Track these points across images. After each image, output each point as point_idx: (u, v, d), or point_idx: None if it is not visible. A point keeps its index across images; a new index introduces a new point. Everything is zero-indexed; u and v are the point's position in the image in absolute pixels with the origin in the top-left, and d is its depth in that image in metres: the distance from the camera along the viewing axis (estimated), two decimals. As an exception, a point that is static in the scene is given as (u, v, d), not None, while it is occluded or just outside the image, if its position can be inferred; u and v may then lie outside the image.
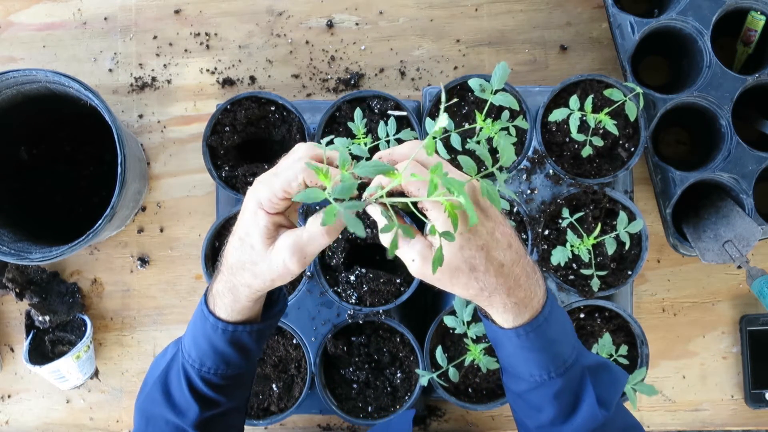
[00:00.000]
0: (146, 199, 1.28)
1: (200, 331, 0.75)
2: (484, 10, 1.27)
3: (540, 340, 0.69)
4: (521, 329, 0.68)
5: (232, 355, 0.75)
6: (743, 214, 1.09)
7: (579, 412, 0.71)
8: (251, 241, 0.67)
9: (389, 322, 1.10)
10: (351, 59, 1.28)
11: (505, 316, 0.68)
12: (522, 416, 0.77)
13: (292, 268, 0.65)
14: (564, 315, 0.74)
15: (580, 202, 1.11)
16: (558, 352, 0.70)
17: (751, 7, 1.11)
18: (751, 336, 1.20)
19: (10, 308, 1.30)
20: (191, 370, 0.76)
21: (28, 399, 1.29)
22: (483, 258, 0.64)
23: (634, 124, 1.08)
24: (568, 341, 0.72)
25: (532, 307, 0.68)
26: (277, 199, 0.65)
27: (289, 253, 0.65)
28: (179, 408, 0.77)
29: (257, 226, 0.66)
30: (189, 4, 1.29)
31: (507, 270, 0.65)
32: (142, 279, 1.28)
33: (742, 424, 1.23)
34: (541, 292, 0.70)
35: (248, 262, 0.67)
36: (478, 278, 0.64)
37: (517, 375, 0.73)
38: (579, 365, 0.72)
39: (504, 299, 0.67)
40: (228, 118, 1.12)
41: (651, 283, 1.23)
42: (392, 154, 0.66)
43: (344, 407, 1.11)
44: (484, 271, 0.64)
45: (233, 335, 0.74)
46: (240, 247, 0.68)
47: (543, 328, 0.69)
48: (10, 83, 1.08)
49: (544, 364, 0.70)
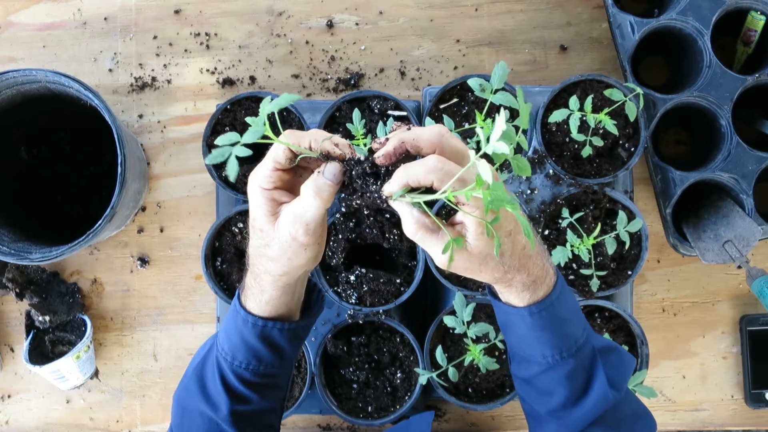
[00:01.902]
0: (146, 199, 1.28)
1: (232, 325, 0.75)
2: (484, 10, 1.27)
3: (552, 318, 0.69)
4: (534, 307, 0.69)
5: (262, 351, 0.75)
6: (743, 214, 1.09)
7: (590, 393, 0.71)
8: (259, 224, 0.67)
9: (389, 322, 1.10)
10: (351, 59, 1.28)
11: (522, 295, 0.69)
12: (532, 403, 0.77)
13: (300, 239, 0.65)
14: (573, 296, 0.74)
15: (580, 202, 1.11)
16: (569, 332, 0.70)
17: (751, 7, 1.11)
18: (751, 336, 1.20)
19: (10, 308, 1.30)
20: (224, 363, 0.76)
21: (28, 399, 1.29)
22: (510, 243, 0.65)
23: (634, 124, 1.08)
24: (579, 321, 0.72)
25: (545, 285, 0.69)
26: (269, 171, 0.65)
27: (291, 224, 0.65)
28: (213, 401, 0.76)
29: (259, 206, 0.66)
30: (189, 4, 1.29)
31: (528, 251, 0.67)
32: (142, 279, 1.28)
33: (742, 424, 1.23)
34: (552, 270, 0.71)
35: (262, 247, 0.68)
36: (504, 262, 0.65)
37: (528, 358, 0.73)
38: (589, 345, 0.72)
39: (524, 278, 0.68)
40: (228, 118, 1.12)
41: (651, 283, 1.23)
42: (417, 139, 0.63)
43: (344, 407, 1.11)
44: (510, 254, 0.65)
45: (263, 330, 0.74)
46: (254, 235, 0.69)
47: (555, 306, 0.69)
48: (10, 83, 1.08)
49: (556, 343, 0.70)
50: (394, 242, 1.09)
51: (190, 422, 0.78)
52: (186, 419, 0.79)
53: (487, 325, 1.00)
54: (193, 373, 0.79)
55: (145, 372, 1.28)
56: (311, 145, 0.65)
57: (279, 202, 0.67)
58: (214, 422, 0.76)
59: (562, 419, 0.73)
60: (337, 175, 0.64)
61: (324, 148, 0.65)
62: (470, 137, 1.07)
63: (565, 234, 1.07)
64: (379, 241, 1.09)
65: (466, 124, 1.09)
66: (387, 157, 0.63)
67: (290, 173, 0.68)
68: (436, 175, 0.60)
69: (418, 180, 0.60)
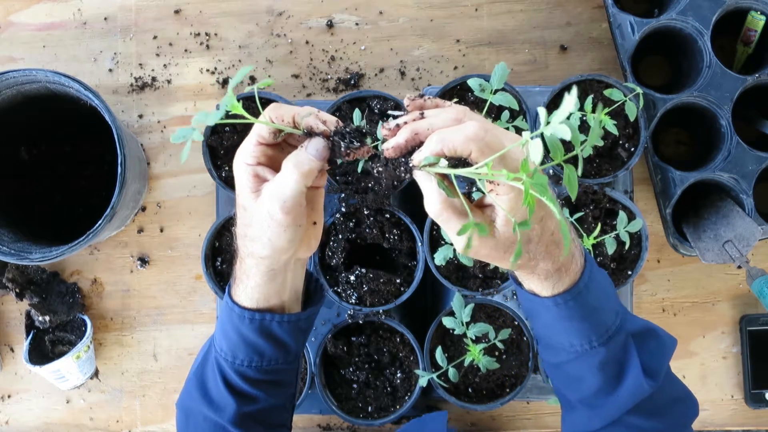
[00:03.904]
0: (146, 199, 1.28)
1: (228, 323, 0.72)
2: (484, 10, 1.27)
3: (580, 308, 0.65)
4: (559, 298, 0.64)
5: (264, 346, 0.71)
6: (743, 214, 1.09)
7: (624, 384, 0.67)
8: (242, 200, 0.64)
9: (389, 322, 1.10)
10: (351, 59, 1.28)
11: (545, 283, 0.65)
12: (561, 388, 0.73)
13: (277, 217, 0.61)
14: (605, 278, 0.69)
15: (580, 202, 1.11)
16: (600, 320, 0.66)
17: (751, 7, 1.11)
18: (751, 336, 1.20)
19: (10, 308, 1.30)
20: (225, 364, 0.73)
21: (28, 399, 1.29)
22: (539, 229, 0.60)
23: (634, 124, 1.08)
24: (611, 307, 0.67)
25: (572, 272, 0.65)
26: (253, 147, 0.63)
27: (269, 201, 0.61)
28: (216, 404, 0.73)
29: (242, 182, 0.63)
30: (189, 4, 1.29)
31: (555, 237, 0.62)
32: (142, 279, 1.28)
33: (742, 424, 1.23)
34: (579, 253, 0.66)
35: (245, 226, 0.64)
36: (530, 249, 0.61)
37: (555, 346, 0.69)
38: (623, 332, 0.67)
39: (548, 265, 0.63)
40: (228, 118, 1.12)
41: (651, 283, 1.23)
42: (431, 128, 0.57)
43: (344, 407, 1.11)
44: (537, 241, 0.61)
45: (261, 324, 0.70)
46: (239, 214, 0.65)
47: (583, 295, 0.65)
48: (10, 83, 1.08)
49: (585, 333, 0.66)
50: (394, 242, 1.09)
51: (195, 428, 0.76)
52: (191, 426, 0.77)
53: (486, 325, 1.00)
54: (194, 377, 0.77)
55: (145, 372, 1.28)
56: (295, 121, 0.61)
57: (263, 178, 0.63)
58: (220, 425, 0.73)
59: (594, 408, 0.69)
60: (321, 150, 0.60)
61: (307, 124, 0.61)
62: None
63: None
64: (379, 241, 1.09)
65: (466, 124, 1.09)
66: (397, 149, 0.59)
67: (275, 149, 0.64)
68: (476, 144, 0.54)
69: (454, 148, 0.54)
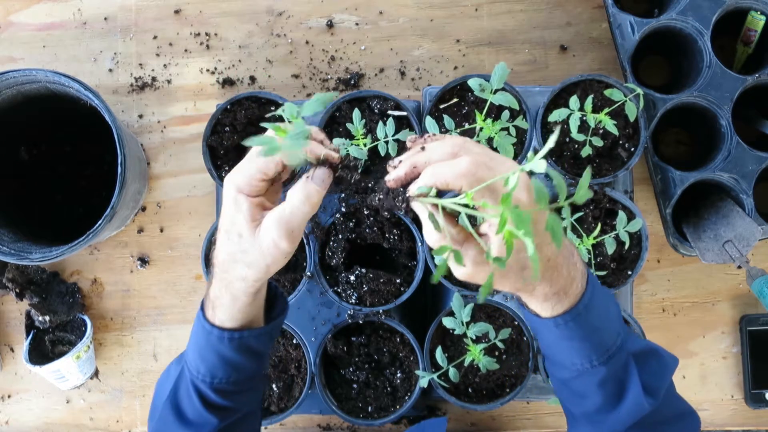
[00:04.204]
0: (146, 199, 1.28)
1: (205, 345, 0.72)
2: (484, 10, 1.27)
3: (580, 328, 0.67)
4: (560, 318, 0.67)
5: (242, 362, 0.73)
6: (743, 214, 1.09)
7: (625, 401, 0.69)
8: (237, 229, 0.65)
9: (389, 322, 1.10)
10: (351, 59, 1.28)
11: (544, 305, 0.67)
12: (566, 403, 0.76)
13: (282, 246, 0.64)
14: (608, 299, 0.71)
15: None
16: (600, 340, 0.68)
17: (751, 7, 1.11)
18: (751, 336, 1.20)
19: (10, 308, 1.30)
20: (202, 386, 0.73)
21: (28, 399, 1.29)
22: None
23: (634, 124, 1.08)
24: (612, 328, 0.70)
25: (572, 294, 0.67)
26: (255, 182, 0.64)
27: (276, 230, 0.63)
28: (196, 425, 0.74)
29: (240, 212, 0.65)
30: (189, 4, 1.29)
31: (552, 263, 0.64)
32: (142, 279, 1.28)
33: (742, 424, 1.23)
34: (580, 276, 0.68)
35: (238, 252, 0.66)
36: (525, 276, 0.63)
37: (559, 363, 0.71)
38: (623, 352, 0.70)
39: (546, 290, 0.65)
40: (228, 118, 1.12)
41: (651, 283, 1.23)
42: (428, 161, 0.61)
43: (344, 407, 1.11)
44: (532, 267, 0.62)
45: (240, 342, 0.72)
46: (228, 240, 0.66)
47: (583, 317, 0.67)
48: (10, 83, 1.08)
49: (586, 352, 0.68)
50: (394, 242, 1.09)
51: None
52: None
53: (486, 324, 1.00)
54: (167, 403, 0.76)
55: (145, 372, 1.28)
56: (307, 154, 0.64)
57: (261, 207, 0.66)
58: None
59: (596, 424, 0.72)
60: (326, 180, 0.64)
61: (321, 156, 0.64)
62: (470, 137, 1.07)
63: (565, 234, 1.07)
64: (379, 241, 1.09)
65: (466, 124, 1.09)
66: (397, 181, 0.63)
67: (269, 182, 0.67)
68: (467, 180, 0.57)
69: (445, 182, 0.58)
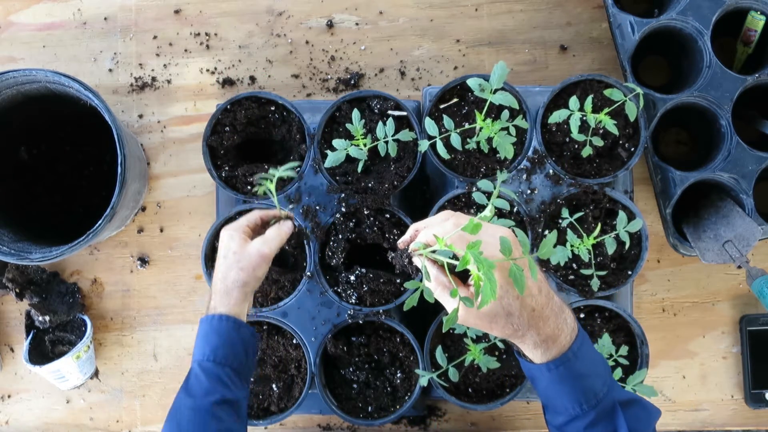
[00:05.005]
0: (146, 199, 1.28)
1: (209, 331, 0.91)
2: (484, 10, 1.27)
3: (569, 373, 0.76)
4: (551, 363, 0.77)
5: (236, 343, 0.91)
6: (743, 214, 1.09)
7: None
8: (233, 249, 0.94)
9: (389, 322, 1.10)
10: (351, 59, 1.28)
11: (535, 351, 0.77)
12: None
13: (263, 251, 0.93)
14: (596, 354, 0.81)
15: (580, 202, 1.11)
16: (589, 386, 0.77)
17: (751, 7, 1.11)
18: (751, 336, 1.20)
19: (10, 308, 1.30)
20: (206, 363, 0.89)
21: (28, 399, 1.29)
22: (518, 305, 0.73)
23: (634, 124, 1.08)
24: (600, 377, 0.78)
25: (560, 343, 0.76)
26: (244, 227, 0.96)
27: (259, 243, 0.94)
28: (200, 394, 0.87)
29: (234, 240, 0.94)
30: (189, 4, 1.30)
31: (537, 313, 0.75)
32: (142, 279, 1.28)
33: (742, 424, 1.23)
34: (569, 329, 0.78)
35: (234, 262, 0.93)
36: (513, 322, 0.74)
37: (555, 409, 0.80)
38: (610, 399, 0.78)
39: (534, 337, 0.76)
40: (228, 118, 1.12)
41: (651, 283, 1.23)
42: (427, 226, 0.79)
43: (344, 407, 1.11)
44: (518, 315, 0.74)
45: (235, 323, 0.92)
46: (225, 260, 0.94)
47: (572, 363, 0.76)
48: (10, 83, 1.08)
49: (576, 397, 0.77)
50: (394, 242, 1.09)
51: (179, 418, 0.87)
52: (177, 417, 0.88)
53: (487, 325, 1.00)
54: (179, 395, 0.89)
55: (145, 372, 1.28)
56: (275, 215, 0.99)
57: (248, 238, 0.96)
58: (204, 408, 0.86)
59: None
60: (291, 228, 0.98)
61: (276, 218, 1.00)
62: (470, 137, 1.07)
63: (565, 234, 1.07)
64: (379, 241, 1.09)
65: (466, 123, 1.09)
66: (404, 243, 0.83)
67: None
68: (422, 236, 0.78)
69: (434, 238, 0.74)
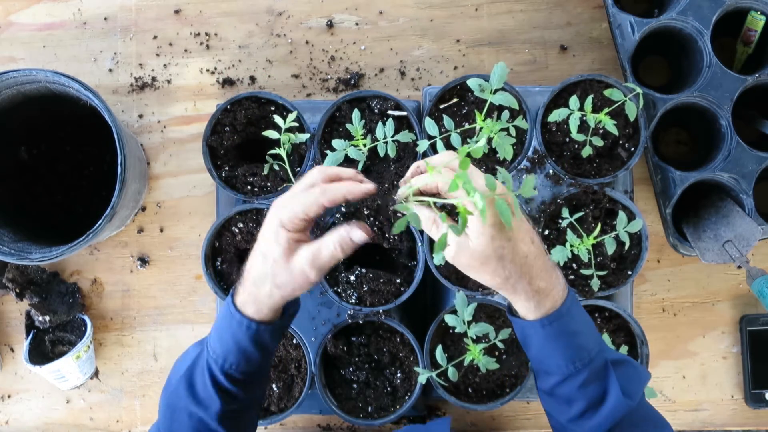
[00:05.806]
0: (146, 199, 1.28)
1: (226, 328, 0.80)
2: (484, 10, 1.27)
3: (563, 330, 0.75)
4: (545, 319, 0.75)
5: (253, 353, 0.80)
6: (743, 214, 1.09)
7: (606, 402, 0.75)
8: (273, 255, 0.75)
9: (389, 322, 1.10)
10: (351, 59, 1.28)
11: (527, 304, 0.75)
12: (555, 414, 0.82)
13: (311, 277, 0.75)
14: (585, 313, 0.79)
15: (580, 202, 1.11)
16: (582, 344, 0.76)
17: (751, 7, 1.11)
18: (751, 336, 1.20)
19: (10, 308, 1.30)
20: (214, 366, 0.80)
21: (28, 399, 1.29)
22: (510, 248, 0.70)
23: (634, 124, 1.08)
24: (591, 335, 0.77)
25: (552, 298, 0.75)
26: (298, 220, 0.74)
27: (308, 264, 0.74)
28: (203, 402, 0.81)
29: (279, 243, 0.74)
30: (189, 4, 1.30)
31: (530, 261, 0.72)
32: (142, 279, 1.28)
33: (742, 424, 1.23)
34: (561, 286, 0.76)
35: (270, 275, 0.75)
36: (504, 266, 0.71)
37: (547, 370, 0.78)
38: (602, 357, 0.76)
39: (526, 287, 0.73)
40: (228, 118, 1.12)
41: (651, 283, 1.23)
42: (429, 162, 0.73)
43: (344, 407, 1.11)
44: (510, 260, 0.71)
45: (256, 333, 0.79)
46: (263, 262, 0.76)
47: (565, 320, 0.75)
48: (10, 83, 1.08)
49: (570, 355, 0.75)
50: (394, 242, 1.09)
51: (179, 423, 0.82)
52: (176, 421, 0.83)
53: (487, 325, 1.00)
54: (182, 378, 0.83)
55: (145, 372, 1.28)
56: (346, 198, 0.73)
57: (297, 241, 0.75)
58: (204, 422, 0.81)
59: (581, 427, 0.77)
60: (363, 239, 0.74)
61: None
62: (470, 137, 1.07)
63: (565, 234, 1.07)
64: (379, 241, 1.09)
65: (466, 124, 1.09)
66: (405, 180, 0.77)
67: None
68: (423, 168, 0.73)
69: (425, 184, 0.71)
